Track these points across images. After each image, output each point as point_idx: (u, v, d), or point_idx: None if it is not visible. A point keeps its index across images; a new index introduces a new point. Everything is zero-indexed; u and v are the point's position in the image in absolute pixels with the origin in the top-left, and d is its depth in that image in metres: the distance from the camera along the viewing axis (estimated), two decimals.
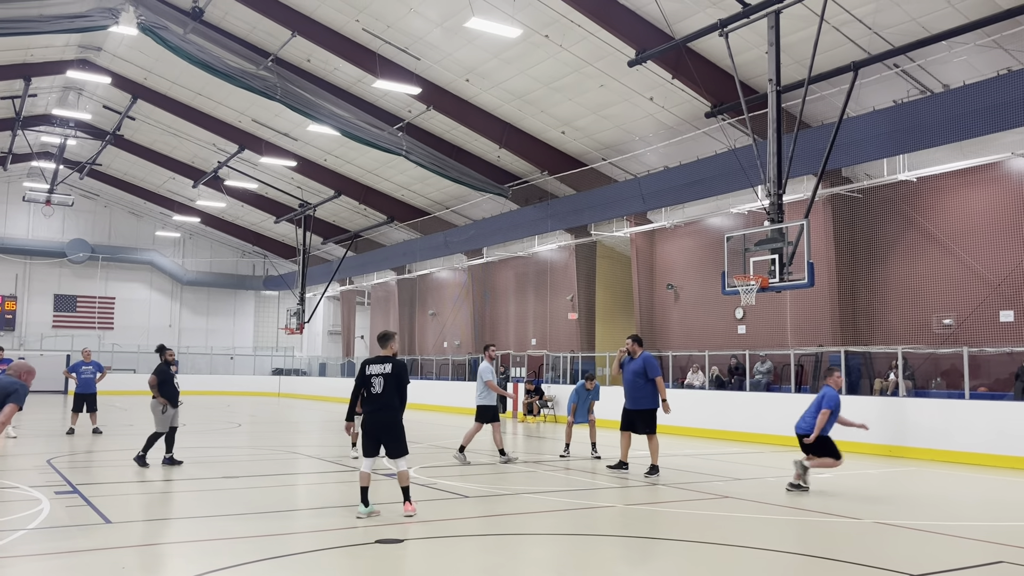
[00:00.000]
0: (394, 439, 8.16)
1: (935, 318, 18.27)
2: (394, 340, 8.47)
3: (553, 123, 24.03)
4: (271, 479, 11.07)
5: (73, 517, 7.98)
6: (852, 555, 6.79)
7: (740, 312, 22.17)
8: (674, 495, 9.98)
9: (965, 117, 15.72)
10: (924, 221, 18.77)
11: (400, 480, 8.21)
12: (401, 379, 8.20)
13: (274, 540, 7.10)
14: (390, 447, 8.17)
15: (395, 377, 8.17)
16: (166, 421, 11.97)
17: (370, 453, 8.23)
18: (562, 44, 19.85)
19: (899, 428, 14.89)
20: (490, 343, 14.28)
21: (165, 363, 12.32)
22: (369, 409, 8.24)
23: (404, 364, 8.31)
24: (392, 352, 8.38)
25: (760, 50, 16.91)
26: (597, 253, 28.01)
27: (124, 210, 43.37)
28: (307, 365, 46.10)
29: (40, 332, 40.52)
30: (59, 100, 31.05)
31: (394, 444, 8.16)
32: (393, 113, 25.52)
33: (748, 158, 16.96)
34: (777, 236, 14.09)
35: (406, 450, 8.18)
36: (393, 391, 8.16)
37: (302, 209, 34.33)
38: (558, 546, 7.27)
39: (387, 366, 8.22)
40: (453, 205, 31.94)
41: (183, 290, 45.10)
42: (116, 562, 6.36)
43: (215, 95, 27.61)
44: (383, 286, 40.42)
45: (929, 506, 9.69)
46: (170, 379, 12.13)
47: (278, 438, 17.69)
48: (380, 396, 8.18)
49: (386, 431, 8.15)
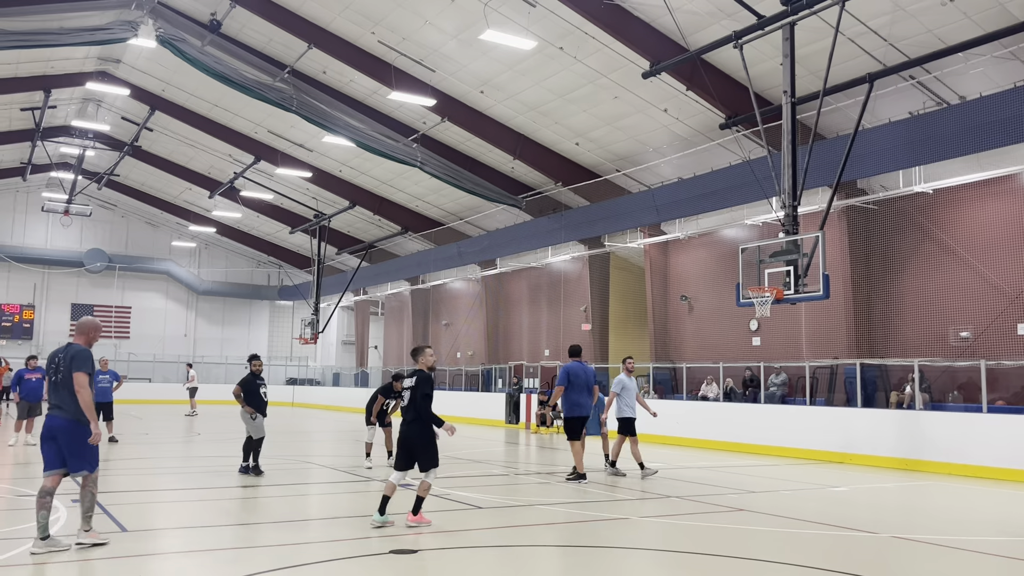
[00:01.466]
0: (422, 451, 8.18)
1: (952, 331, 18.13)
2: (424, 353, 8.50)
3: (567, 134, 24.09)
4: (285, 488, 11.10)
5: None
6: (869, 570, 6.73)
7: (755, 324, 22.08)
8: (688, 508, 9.93)
9: (982, 129, 15.63)
10: (940, 233, 18.65)
11: (419, 489, 8.22)
12: (418, 391, 8.24)
13: (289, 549, 7.13)
14: (420, 459, 8.19)
15: (415, 390, 8.27)
16: (259, 427, 12.12)
17: (399, 466, 8.26)
18: (576, 56, 19.92)
19: (915, 442, 14.76)
20: (628, 356, 14.04)
21: (252, 375, 12.38)
22: (402, 422, 8.36)
23: (425, 377, 8.33)
24: (425, 365, 8.42)
25: (775, 62, 16.90)
26: (611, 264, 27.99)
27: (141, 220, 43.74)
28: (321, 375, 46.23)
29: (57, 341, 40.75)
30: (78, 111, 31.41)
31: (422, 456, 8.18)
32: (408, 124, 25.66)
33: (763, 170, 16.93)
34: (792, 248, 14.05)
35: (435, 463, 8.19)
36: (413, 405, 8.25)
37: (317, 220, 34.52)
38: (571, 558, 7.25)
39: (413, 379, 8.38)
40: (467, 216, 32.03)
41: (199, 300, 45.38)
42: (132, 570, 6.39)
43: (232, 106, 27.86)
44: (397, 296, 40.53)
45: (946, 520, 9.59)
46: (255, 390, 12.20)
47: (292, 448, 17.74)
48: (407, 409, 8.31)
49: (415, 444, 8.21)
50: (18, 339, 40.14)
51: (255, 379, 12.33)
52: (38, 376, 16.31)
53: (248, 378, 12.34)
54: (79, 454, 7.02)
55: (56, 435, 7.00)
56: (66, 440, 6.99)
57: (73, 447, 6.99)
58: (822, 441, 16.54)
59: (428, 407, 8.22)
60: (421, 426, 8.20)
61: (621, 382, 13.14)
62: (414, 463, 8.23)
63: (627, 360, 13.56)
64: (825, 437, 16.52)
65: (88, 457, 7.08)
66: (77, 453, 7.01)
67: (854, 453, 15.84)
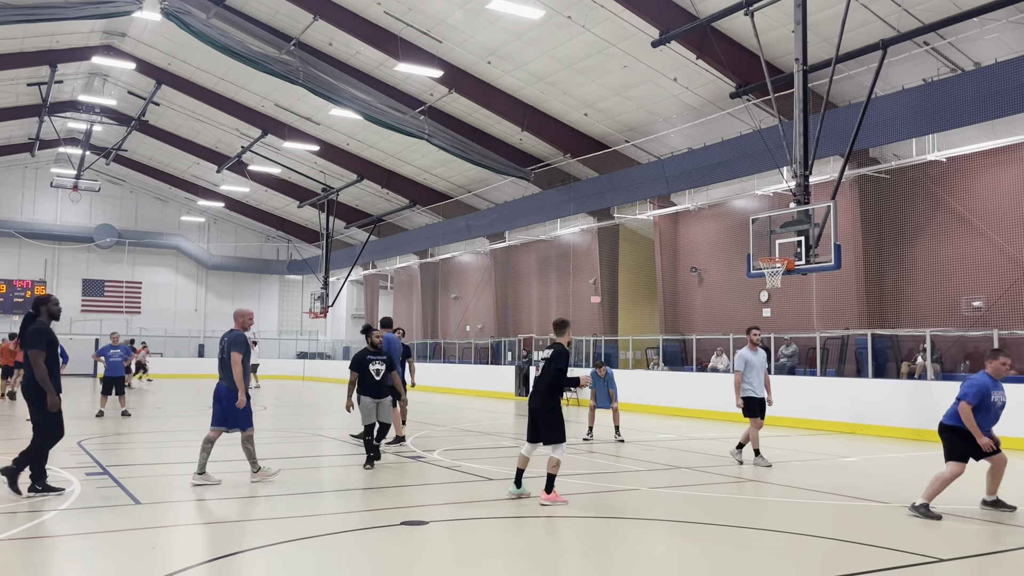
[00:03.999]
0: (545, 424, 8.03)
1: (964, 300, 18.00)
2: (568, 329, 8.32)
3: (576, 105, 23.87)
4: (297, 461, 11.17)
5: (104, 498, 8.11)
6: (881, 539, 6.73)
7: (765, 295, 21.98)
8: (698, 479, 9.94)
9: (997, 95, 15.38)
10: (953, 202, 18.45)
11: (548, 466, 8.01)
12: (552, 364, 8.05)
13: (302, 521, 7.17)
14: (544, 434, 8.04)
15: (549, 362, 8.10)
16: (368, 410, 10.46)
17: (530, 438, 8.18)
18: (585, 25, 19.67)
19: (927, 412, 14.71)
20: (754, 327, 11.71)
21: (366, 350, 10.72)
22: (530, 395, 8.28)
23: (562, 351, 8.07)
24: (566, 341, 8.24)
25: (786, 29, 16.65)
26: (620, 236, 27.86)
27: (150, 195, 43.77)
28: (331, 349, 46.43)
29: (69, 316, 41.07)
30: (85, 86, 31.31)
31: (546, 430, 8.02)
32: (415, 96, 25.47)
33: (774, 139, 16.74)
34: (803, 218, 13.93)
35: (559, 437, 7.98)
36: (545, 376, 8.11)
37: (325, 193, 34.44)
38: (582, 528, 7.28)
39: (548, 351, 8.20)
40: (475, 189, 31.90)
41: (208, 274, 45.51)
42: (146, 542, 6.45)
43: (238, 80, 27.71)
44: (406, 270, 40.54)
45: (958, 490, 9.57)
46: (366, 368, 10.51)
47: (303, 420, 17.86)
48: (539, 381, 8.20)
49: (537, 417, 8.09)
50: None
51: (367, 353, 10.61)
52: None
53: (360, 355, 10.61)
54: (236, 414, 8.83)
55: (221, 399, 8.86)
56: (228, 403, 8.80)
57: (231, 408, 8.79)
58: (833, 412, 16.52)
59: (562, 380, 8.04)
60: (544, 399, 8.05)
61: (743, 357, 11.30)
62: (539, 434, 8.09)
63: (752, 331, 11.49)
64: (836, 408, 16.50)
65: (243, 418, 8.88)
66: (234, 414, 8.82)
67: (865, 424, 15.83)
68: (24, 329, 8.13)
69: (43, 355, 7.93)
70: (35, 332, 8.01)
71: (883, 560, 6.06)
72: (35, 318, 8.15)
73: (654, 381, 21.57)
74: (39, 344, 7.95)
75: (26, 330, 8.07)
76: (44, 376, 7.87)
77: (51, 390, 7.92)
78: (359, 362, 10.50)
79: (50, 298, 8.39)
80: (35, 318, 8.15)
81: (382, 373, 10.49)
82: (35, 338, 7.97)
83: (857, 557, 6.25)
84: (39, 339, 7.98)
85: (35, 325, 8.07)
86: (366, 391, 10.45)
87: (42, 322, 8.15)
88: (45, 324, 8.16)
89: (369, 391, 10.44)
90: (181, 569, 5.59)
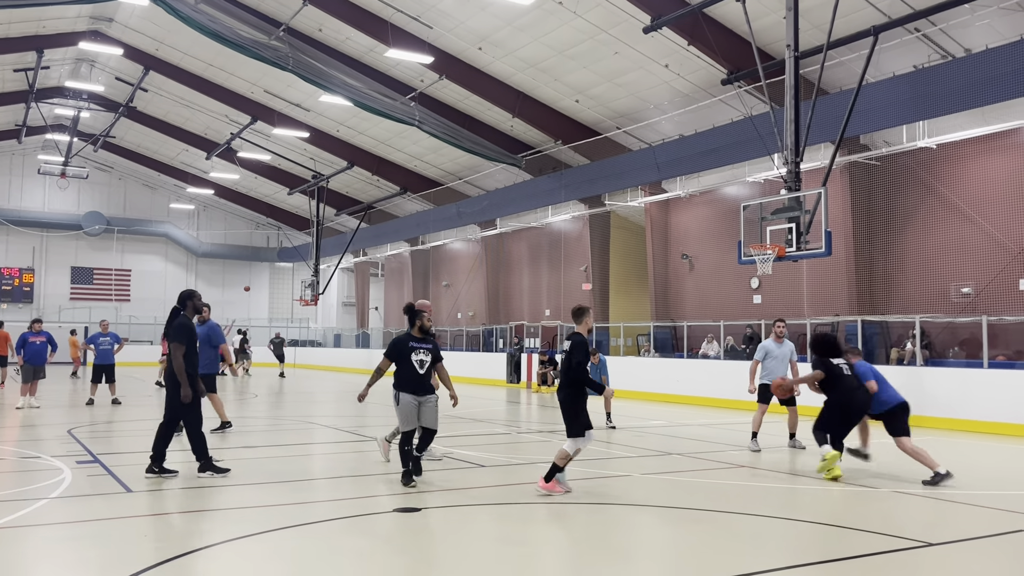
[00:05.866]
0: (565, 416, 7.92)
1: (954, 287, 18.10)
2: (587, 316, 8.11)
3: (567, 91, 23.80)
4: (288, 449, 11.16)
5: (95, 486, 8.08)
6: (870, 524, 6.78)
7: (756, 282, 22.05)
8: (690, 464, 9.99)
9: (987, 82, 15.42)
10: (944, 189, 18.52)
11: (556, 456, 7.86)
12: (572, 357, 7.85)
13: (294, 508, 7.17)
14: (566, 424, 7.88)
15: (570, 355, 7.91)
16: (408, 414, 8.23)
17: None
18: (576, 11, 19.58)
19: (916, 397, 14.69)
20: (779, 318, 11.89)
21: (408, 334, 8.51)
22: (557, 388, 8.15)
23: (580, 342, 7.86)
24: (586, 329, 8.02)
25: (778, 15, 16.62)
26: (611, 223, 27.87)
27: (138, 182, 43.49)
28: (322, 336, 46.35)
29: (58, 304, 40.89)
30: (72, 72, 31.03)
31: (567, 423, 7.88)
32: (405, 83, 25.34)
33: (765, 126, 16.75)
34: (794, 205, 13.97)
35: (577, 432, 7.76)
36: (566, 368, 7.94)
37: (315, 180, 34.30)
38: (574, 514, 7.30)
39: (568, 343, 8.01)
40: (466, 176, 31.81)
41: (198, 262, 45.32)
42: (138, 530, 6.44)
43: (227, 66, 27.50)
44: (397, 257, 40.46)
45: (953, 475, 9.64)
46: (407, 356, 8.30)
47: (294, 408, 17.84)
48: (562, 373, 8.08)
49: (561, 409, 7.95)
50: (19, 302, 40.18)
51: (409, 340, 8.38)
52: (42, 340, 16.32)
53: (401, 341, 8.40)
54: None
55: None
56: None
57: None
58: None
59: (584, 374, 7.82)
60: (567, 392, 7.87)
61: (764, 348, 11.61)
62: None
63: (777, 323, 11.72)
64: None
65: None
66: None
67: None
68: (170, 323, 8.59)
69: (183, 349, 8.38)
70: (179, 327, 8.50)
71: (873, 544, 6.10)
72: (180, 312, 8.65)
73: (645, 368, 21.62)
74: (180, 338, 8.41)
75: (171, 324, 8.55)
76: (181, 368, 8.33)
77: (185, 383, 8.35)
78: (398, 349, 8.30)
79: (194, 294, 8.90)
80: (180, 312, 8.65)
81: (427, 365, 8.32)
82: (178, 332, 8.44)
83: (846, 542, 6.29)
84: (181, 334, 8.45)
85: (180, 319, 8.56)
86: (406, 387, 8.21)
87: (186, 316, 8.65)
88: (188, 319, 8.66)
89: (410, 387, 8.21)
90: (174, 556, 5.58)
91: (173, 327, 8.53)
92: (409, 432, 8.22)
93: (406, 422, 8.23)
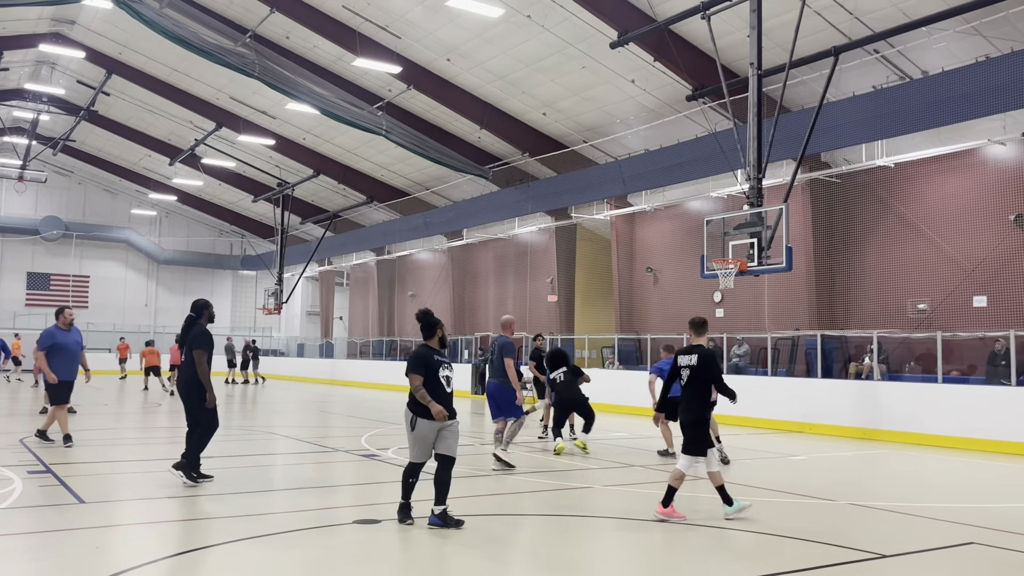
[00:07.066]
0: (694, 435, 7.49)
1: (910, 303, 18.47)
2: (706, 328, 7.79)
3: (535, 104, 23.93)
4: (248, 459, 11.02)
5: (46, 497, 7.91)
6: (825, 535, 6.87)
7: (718, 296, 22.29)
8: (650, 476, 10.05)
9: (943, 104, 15.82)
10: (901, 207, 18.92)
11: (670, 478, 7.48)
12: (702, 372, 7.46)
13: (251, 520, 7.08)
14: (686, 445, 7.50)
15: (698, 371, 7.45)
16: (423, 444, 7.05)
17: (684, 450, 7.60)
18: (544, 24, 19.72)
19: (873, 411, 15.07)
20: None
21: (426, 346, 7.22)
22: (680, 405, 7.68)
23: (709, 354, 7.52)
24: (705, 341, 7.69)
25: (742, 34, 16.88)
26: (577, 236, 28.01)
27: (99, 187, 42.74)
28: (285, 346, 45.84)
29: (13, 310, 39.96)
30: (32, 74, 30.47)
31: (688, 441, 7.50)
32: (373, 92, 25.29)
33: (729, 142, 16.98)
34: (756, 220, 14.15)
35: (696, 450, 7.42)
36: (697, 385, 7.50)
37: (280, 188, 34.00)
38: (534, 525, 7.30)
39: (693, 357, 7.54)
40: (433, 186, 31.78)
41: (159, 269, 44.62)
42: (90, 541, 6.31)
43: (192, 71, 27.20)
44: (362, 267, 40.22)
45: (901, 488, 9.83)
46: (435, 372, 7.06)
47: (255, 418, 17.61)
48: (684, 388, 7.61)
49: (686, 427, 7.56)
50: None
51: (432, 353, 7.13)
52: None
53: (424, 353, 7.10)
54: (508, 407, 10.64)
55: (494, 395, 10.73)
56: (501, 399, 10.64)
57: (503, 403, 10.65)
58: (783, 411, 16.80)
59: (723, 385, 7.54)
60: (689, 413, 7.50)
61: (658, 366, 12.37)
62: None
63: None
64: (786, 407, 16.78)
65: (514, 410, 10.63)
66: (507, 407, 10.63)
67: (814, 423, 16.14)
68: (187, 331, 8.80)
69: (207, 355, 8.60)
70: (201, 334, 8.74)
71: (828, 556, 6.18)
72: (196, 320, 8.84)
73: (609, 380, 21.70)
74: (203, 345, 8.65)
75: (189, 332, 8.78)
76: (206, 374, 8.58)
77: (211, 388, 8.58)
78: (423, 362, 6.99)
79: (209, 304, 9.18)
80: (196, 320, 8.84)
81: (451, 383, 7.13)
82: (201, 339, 8.69)
83: (802, 553, 6.37)
84: (204, 340, 8.69)
85: (198, 327, 8.78)
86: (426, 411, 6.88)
87: (202, 324, 8.85)
88: (204, 326, 8.86)
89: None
90: (125, 569, 5.47)
91: (195, 335, 8.69)
92: (418, 465, 7.10)
93: (420, 453, 7.02)
